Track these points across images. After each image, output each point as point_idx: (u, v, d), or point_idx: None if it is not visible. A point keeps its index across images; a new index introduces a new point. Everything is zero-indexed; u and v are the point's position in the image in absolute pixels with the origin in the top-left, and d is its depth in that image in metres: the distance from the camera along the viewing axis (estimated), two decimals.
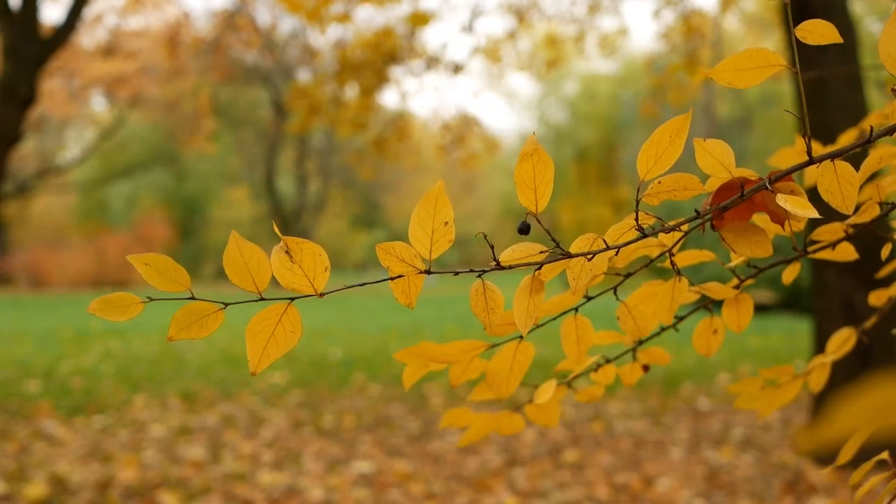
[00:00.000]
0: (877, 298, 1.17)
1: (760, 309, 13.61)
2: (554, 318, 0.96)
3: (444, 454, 4.70)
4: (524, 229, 0.77)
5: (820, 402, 4.37)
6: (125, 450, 4.73)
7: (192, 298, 0.75)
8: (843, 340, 1.11)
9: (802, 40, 0.74)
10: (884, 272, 1.18)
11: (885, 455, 0.88)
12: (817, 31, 0.74)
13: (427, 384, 6.90)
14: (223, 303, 0.75)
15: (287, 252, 0.72)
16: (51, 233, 29.94)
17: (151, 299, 0.75)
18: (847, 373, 4.13)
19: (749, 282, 0.99)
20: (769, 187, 0.75)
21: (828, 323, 4.30)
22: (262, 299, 0.75)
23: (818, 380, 1.08)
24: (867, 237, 1.11)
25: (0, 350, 9.45)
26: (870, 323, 1.16)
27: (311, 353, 9.17)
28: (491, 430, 1.04)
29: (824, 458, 4.33)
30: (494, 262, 0.76)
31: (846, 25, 4.40)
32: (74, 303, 18.89)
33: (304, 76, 22.22)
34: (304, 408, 6.03)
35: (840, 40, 0.72)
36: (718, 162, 0.75)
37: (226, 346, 9.77)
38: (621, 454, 4.70)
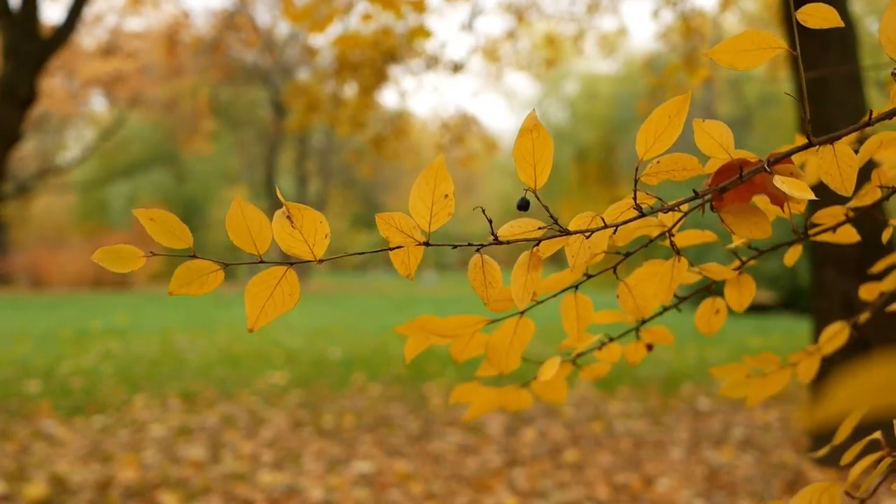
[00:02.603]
0: (868, 292, 1.17)
1: (760, 309, 13.62)
2: (554, 296, 0.96)
3: (444, 454, 4.70)
4: (523, 205, 0.78)
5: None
6: (125, 450, 4.73)
7: (194, 256, 0.76)
8: (835, 333, 1.11)
9: (804, 24, 0.74)
10: (878, 267, 1.17)
11: (877, 435, 0.88)
12: (819, 15, 0.74)
13: (427, 384, 6.90)
14: (224, 262, 0.77)
15: (288, 217, 0.73)
16: (51, 233, 29.92)
17: (154, 254, 0.76)
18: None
19: (751, 262, 1.00)
20: (768, 169, 0.75)
21: (828, 323, 4.29)
22: (261, 262, 0.76)
23: (807, 371, 1.08)
24: (868, 235, 1.11)
25: (0, 350, 9.45)
26: (864, 317, 1.15)
27: (311, 353, 9.16)
28: (498, 405, 1.05)
29: (821, 444, 4.33)
30: (493, 237, 0.77)
31: (846, 25, 4.40)
32: (74, 303, 18.89)
33: (303, 76, 22.22)
34: (304, 408, 6.03)
35: (841, 24, 0.72)
36: (717, 143, 0.75)
37: (226, 346, 9.77)
38: (621, 454, 4.70)
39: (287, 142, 29.14)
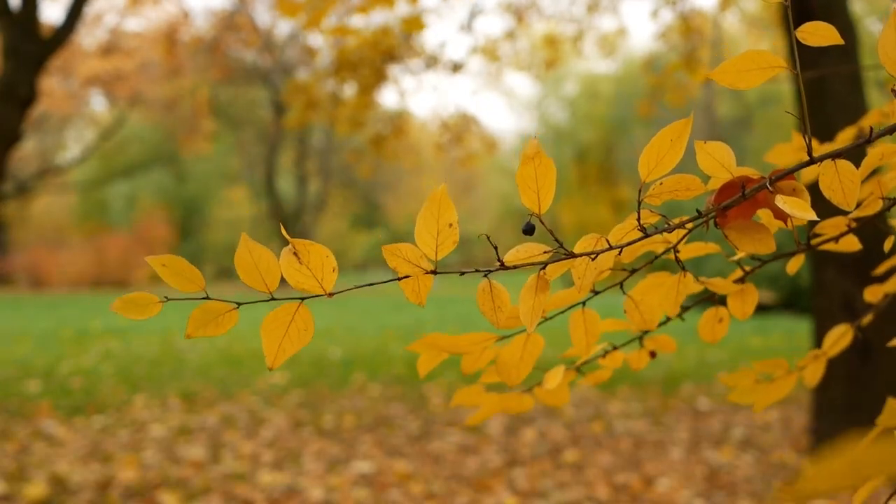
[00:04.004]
0: (872, 294, 1.17)
1: (760, 309, 13.62)
2: (562, 312, 0.97)
3: (444, 454, 4.70)
4: (529, 230, 0.79)
5: (819, 402, 4.36)
6: (125, 450, 4.73)
7: (207, 298, 0.77)
8: (839, 336, 1.12)
9: (803, 41, 0.75)
10: (881, 269, 1.17)
11: None
12: (818, 33, 0.74)
13: (427, 384, 6.90)
14: (236, 302, 0.78)
15: (295, 254, 0.74)
16: (51, 233, 29.91)
17: (169, 299, 0.77)
18: (847, 371, 4.13)
19: (754, 271, 1.00)
20: (770, 187, 0.75)
21: (828, 322, 4.29)
22: (272, 299, 0.77)
23: (813, 375, 1.08)
24: (868, 235, 1.11)
25: (0, 350, 9.45)
26: (866, 319, 1.16)
27: (311, 353, 9.17)
28: (500, 409, 1.06)
29: (821, 443, 4.33)
30: (499, 263, 0.78)
31: (846, 25, 4.40)
32: (74, 303, 18.89)
33: (303, 75, 22.22)
34: (304, 408, 6.03)
35: (840, 41, 0.72)
36: (719, 163, 0.76)
37: (226, 346, 9.77)
38: (621, 454, 4.70)
39: (287, 142, 29.13)
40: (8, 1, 6.02)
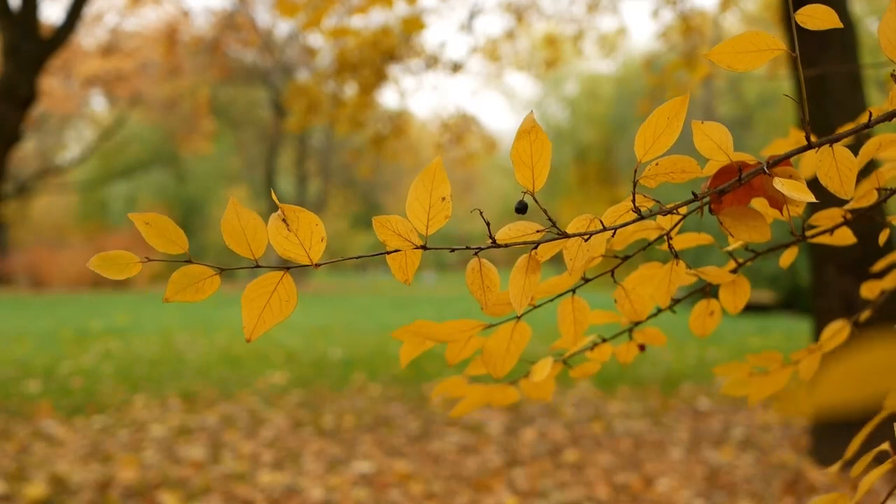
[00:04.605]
0: (869, 290, 1.17)
1: (760, 309, 13.61)
2: (551, 300, 0.95)
3: (444, 454, 4.70)
4: (521, 208, 0.77)
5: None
6: (125, 450, 4.73)
7: (190, 262, 0.74)
8: (836, 331, 1.11)
9: (802, 25, 0.74)
10: (879, 266, 1.17)
11: (885, 446, 0.88)
12: (818, 16, 0.73)
13: (427, 384, 6.90)
14: (219, 267, 0.75)
15: (284, 220, 0.72)
16: (51, 233, 29.91)
17: (150, 259, 0.75)
18: None
19: (748, 264, 1.00)
20: (767, 171, 0.75)
21: (828, 322, 4.29)
22: (257, 266, 0.75)
23: (809, 369, 1.08)
24: (869, 235, 1.11)
25: (0, 350, 9.45)
26: (864, 315, 1.16)
27: (311, 353, 9.16)
28: (485, 401, 1.05)
29: (821, 444, 4.33)
30: (490, 240, 0.76)
31: (846, 25, 4.40)
32: (74, 303, 18.88)
33: (303, 76, 22.22)
34: (304, 408, 6.03)
35: (840, 25, 0.72)
36: (717, 145, 0.75)
37: (226, 346, 9.77)
38: (621, 454, 4.70)
39: (287, 142, 29.14)
40: (8, 1, 6.02)
